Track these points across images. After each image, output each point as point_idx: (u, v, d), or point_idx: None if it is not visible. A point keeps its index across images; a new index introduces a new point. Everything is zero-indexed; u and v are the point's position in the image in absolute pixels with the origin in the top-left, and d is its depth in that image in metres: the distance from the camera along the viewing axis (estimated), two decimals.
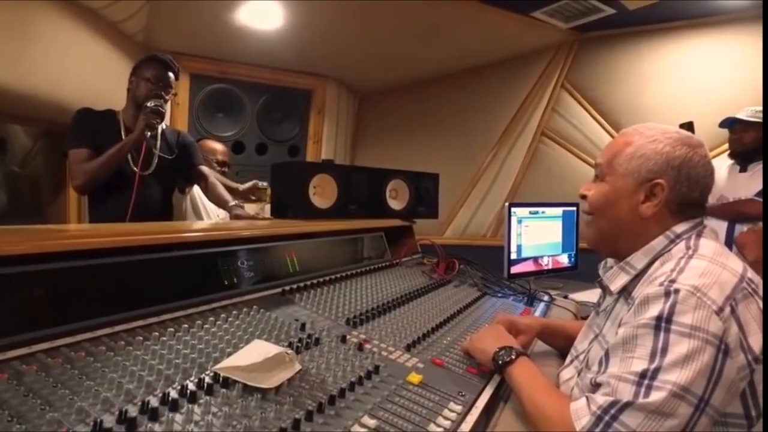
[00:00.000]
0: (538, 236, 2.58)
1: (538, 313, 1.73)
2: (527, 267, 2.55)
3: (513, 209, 2.51)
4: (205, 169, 2.33)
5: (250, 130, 4.08)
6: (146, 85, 2.09)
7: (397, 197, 2.27)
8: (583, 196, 1.03)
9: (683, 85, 3.35)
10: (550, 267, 2.64)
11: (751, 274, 0.84)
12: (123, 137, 2.09)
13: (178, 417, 0.68)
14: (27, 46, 2.55)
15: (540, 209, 2.60)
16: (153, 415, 0.66)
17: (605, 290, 1.03)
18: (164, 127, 2.26)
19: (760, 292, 0.82)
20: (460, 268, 2.04)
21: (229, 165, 2.99)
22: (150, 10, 3.03)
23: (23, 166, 3.68)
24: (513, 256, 2.50)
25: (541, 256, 2.61)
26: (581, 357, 1.01)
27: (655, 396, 0.72)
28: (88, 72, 2.93)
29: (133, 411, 0.66)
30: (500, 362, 0.97)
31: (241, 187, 2.28)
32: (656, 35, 3.44)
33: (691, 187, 0.91)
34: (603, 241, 1.00)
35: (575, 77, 3.75)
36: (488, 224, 4.14)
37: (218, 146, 2.97)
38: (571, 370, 1.03)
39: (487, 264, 2.22)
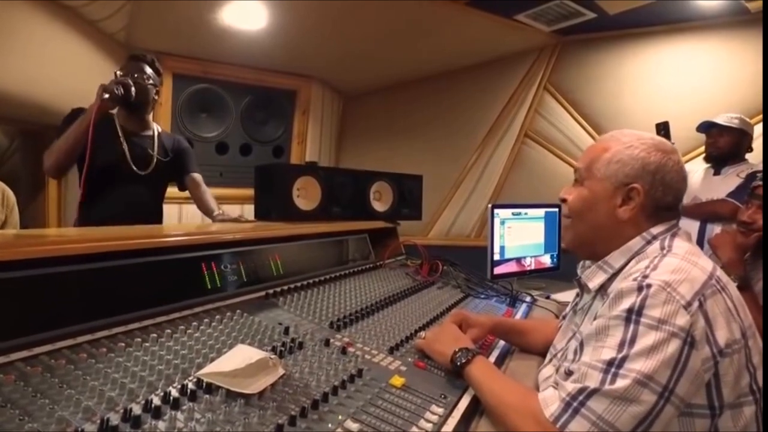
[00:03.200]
0: (520, 237, 2.61)
1: (520, 313, 1.75)
2: (510, 268, 2.58)
3: (496, 210, 2.53)
4: (197, 176, 2.33)
5: (234, 130, 4.05)
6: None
7: (380, 199, 2.28)
8: (564, 200, 1.05)
9: (660, 88, 3.42)
10: (532, 267, 2.67)
11: (720, 273, 0.88)
12: (121, 138, 2.07)
13: (161, 424, 0.68)
14: (3, 46, 2.50)
15: (522, 210, 2.63)
16: (135, 422, 0.66)
17: (583, 289, 1.06)
18: (160, 130, 2.27)
19: (728, 290, 0.86)
20: (444, 269, 2.06)
21: None
22: (132, 8, 2.99)
23: None
24: (496, 257, 2.53)
25: (524, 257, 2.64)
26: (560, 355, 1.03)
27: (620, 383, 0.75)
28: (67, 71, 2.89)
29: (115, 419, 0.66)
30: (458, 364, 0.99)
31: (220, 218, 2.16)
32: (635, 39, 3.51)
33: (666, 191, 0.94)
34: (581, 243, 1.03)
35: (557, 79, 3.81)
36: (472, 224, 4.17)
37: None
38: (550, 369, 1.05)
39: (471, 264, 2.24)
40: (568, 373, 0.84)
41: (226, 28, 3.27)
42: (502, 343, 1.33)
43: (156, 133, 2.23)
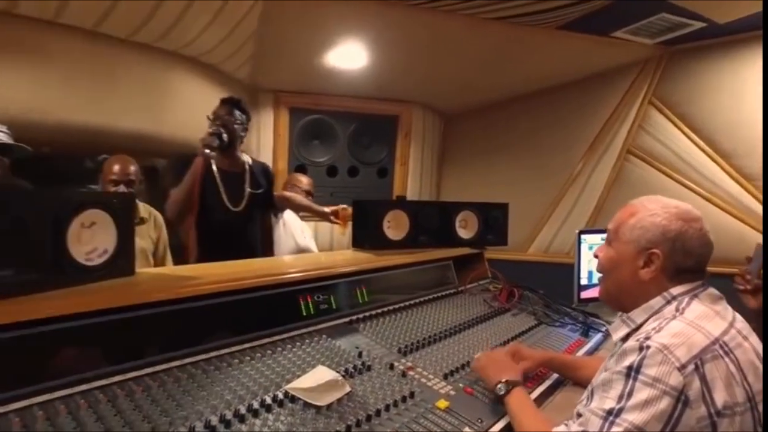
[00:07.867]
0: None
1: (591, 343, 1.81)
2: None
3: (583, 236, 2.57)
4: (285, 193, 2.88)
5: (342, 155, 4.49)
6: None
7: (466, 227, 2.43)
8: (596, 256, 1.18)
9: None
10: None
11: (728, 338, 0.95)
12: (216, 176, 2.47)
13: (258, 422, 0.97)
14: (163, 99, 3.16)
15: None
16: (241, 419, 0.96)
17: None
18: (251, 163, 2.65)
19: (734, 355, 0.93)
20: (521, 294, 2.17)
21: (313, 194, 3.37)
22: (255, 59, 3.52)
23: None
24: (584, 281, 2.57)
25: None
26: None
27: (615, 430, 0.88)
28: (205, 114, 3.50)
29: (228, 415, 0.96)
30: (499, 394, 1.17)
31: (327, 209, 2.72)
32: (751, 43, 3.23)
33: (686, 256, 1.04)
34: (610, 297, 1.16)
35: (664, 92, 3.63)
36: (572, 242, 4.11)
37: (304, 179, 3.42)
38: None
39: (568, 282, 2.28)
40: (579, 416, 0.99)
41: (332, 67, 3.68)
42: (555, 375, 1.45)
43: (248, 167, 2.60)
